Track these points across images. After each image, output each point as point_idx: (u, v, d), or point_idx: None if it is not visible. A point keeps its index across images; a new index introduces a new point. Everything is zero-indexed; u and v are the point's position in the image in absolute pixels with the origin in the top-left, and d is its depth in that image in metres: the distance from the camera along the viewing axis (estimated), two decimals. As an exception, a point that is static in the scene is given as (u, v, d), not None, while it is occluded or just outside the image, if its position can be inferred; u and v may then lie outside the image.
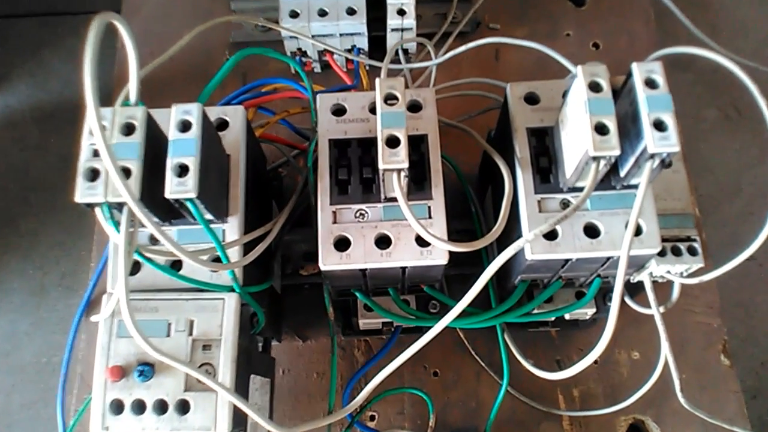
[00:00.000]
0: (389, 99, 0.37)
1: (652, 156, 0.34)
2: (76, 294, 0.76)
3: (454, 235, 0.40)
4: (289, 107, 0.54)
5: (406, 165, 0.35)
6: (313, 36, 0.59)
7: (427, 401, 0.51)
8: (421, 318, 0.46)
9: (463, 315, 0.48)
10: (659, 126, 0.34)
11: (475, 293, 0.37)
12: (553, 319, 0.50)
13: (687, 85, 0.60)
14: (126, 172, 0.34)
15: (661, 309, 0.45)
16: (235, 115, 0.43)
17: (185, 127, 0.36)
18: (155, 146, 0.36)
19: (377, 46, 0.62)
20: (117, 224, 0.35)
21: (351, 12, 0.58)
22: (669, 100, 0.35)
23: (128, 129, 0.35)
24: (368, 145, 0.42)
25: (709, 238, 0.54)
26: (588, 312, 0.48)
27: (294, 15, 0.58)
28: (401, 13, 0.58)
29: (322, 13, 0.58)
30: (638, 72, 0.35)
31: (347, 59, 0.63)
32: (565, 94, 0.43)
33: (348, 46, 0.61)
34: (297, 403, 0.53)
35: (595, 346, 0.38)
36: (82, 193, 0.34)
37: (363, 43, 0.60)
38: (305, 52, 0.62)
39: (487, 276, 0.36)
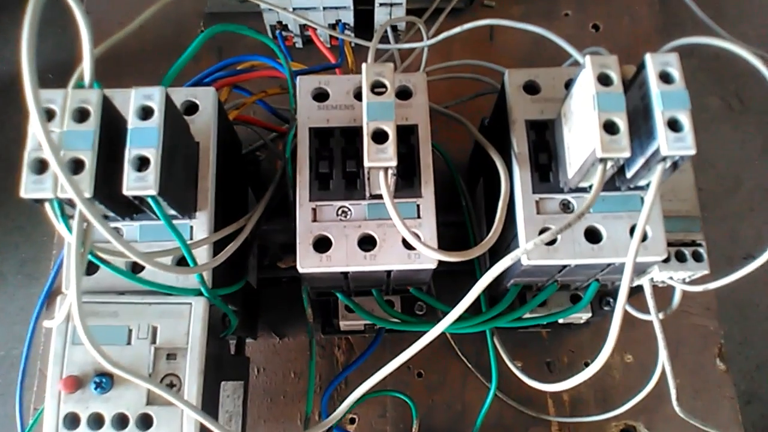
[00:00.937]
0: (377, 87, 0.33)
1: (665, 158, 0.31)
2: (37, 282, 0.71)
3: (442, 228, 0.37)
4: (268, 86, 0.50)
5: (394, 163, 0.32)
6: (294, 9, 0.54)
7: (410, 405, 0.48)
8: (406, 322, 0.43)
9: (454, 321, 0.45)
10: (674, 125, 0.31)
11: (468, 304, 0.34)
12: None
13: (688, 71, 0.56)
14: (78, 165, 0.30)
15: (661, 315, 0.42)
16: (205, 97, 0.39)
17: (146, 113, 0.32)
18: (114, 132, 0.32)
19: (364, 20, 0.58)
20: (69, 222, 0.31)
21: (336, -17, 0.54)
22: (685, 96, 0.32)
23: (81, 115, 0.31)
24: (352, 135, 0.38)
25: (707, 234, 0.51)
26: (583, 316, 0.45)
27: (274, -15, 0.54)
28: (391, -14, 0.54)
29: (305, -16, 0.54)
30: (652, 64, 0.32)
31: (331, 37, 0.58)
32: (568, 84, 0.40)
33: (332, 20, 0.56)
34: (272, 404, 0.50)
35: (594, 362, 0.35)
36: (28, 187, 0.30)
37: (348, 17, 0.56)
38: (286, 26, 0.57)
39: (480, 287, 0.33)
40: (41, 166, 0.30)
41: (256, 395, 0.50)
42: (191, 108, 0.39)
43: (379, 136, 0.32)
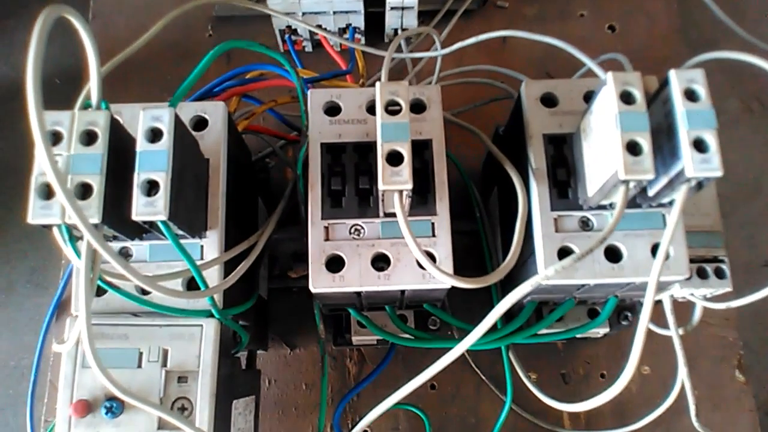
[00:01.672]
0: (391, 106, 0.32)
1: (689, 179, 0.30)
2: (46, 292, 0.71)
3: (455, 237, 0.36)
4: (278, 95, 0.49)
5: (410, 186, 0.31)
6: (303, 14, 0.53)
7: (423, 418, 0.47)
8: (420, 338, 0.42)
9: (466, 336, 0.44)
10: (699, 146, 0.30)
11: (485, 329, 0.33)
12: (560, 332, 0.47)
13: (706, 72, 0.55)
14: (86, 189, 0.30)
15: (681, 331, 0.41)
16: (215, 112, 0.38)
17: (155, 135, 0.31)
18: (122, 153, 0.31)
19: (374, 23, 0.57)
20: (77, 246, 0.30)
21: (347, -12, 0.52)
22: (712, 115, 0.30)
23: (89, 137, 0.30)
24: (365, 150, 0.37)
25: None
26: (600, 331, 0.44)
27: (284, -10, 0.53)
28: (402, -11, 0.53)
29: (315, -12, 0.52)
30: (676, 81, 0.31)
31: (341, 38, 0.57)
32: (587, 97, 0.38)
33: (342, 24, 0.55)
34: (284, 416, 0.49)
35: (613, 385, 0.34)
36: (35, 213, 0.29)
37: (359, 21, 0.55)
38: (295, 30, 0.56)
39: (497, 313, 0.32)
40: (48, 191, 0.29)
41: (267, 407, 0.49)
42: (200, 123, 0.38)
43: (394, 158, 0.31)
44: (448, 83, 0.54)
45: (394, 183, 0.31)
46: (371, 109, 0.38)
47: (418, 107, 0.38)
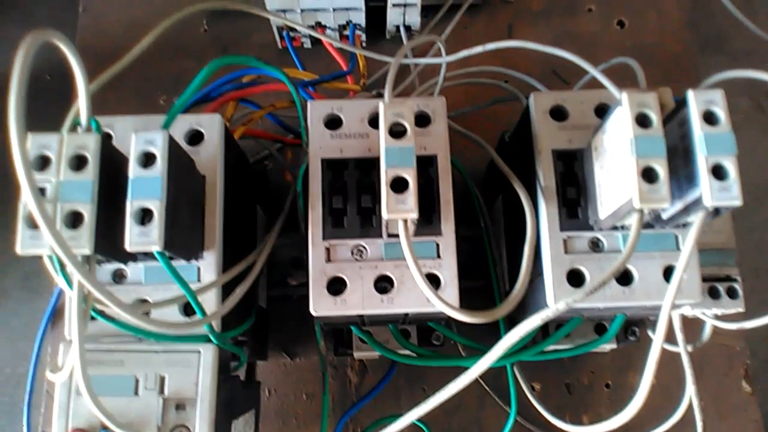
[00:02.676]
0: (396, 127, 0.31)
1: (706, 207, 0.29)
2: (40, 297, 0.69)
3: (457, 243, 0.35)
4: (276, 97, 0.48)
5: (415, 215, 0.29)
6: (302, 10, 0.51)
7: (425, 430, 0.47)
8: (423, 356, 0.41)
9: (472, 354, 0.43)
10: (718, 173, 0.29)
11: (494, 359, 0.32)
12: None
13: (717, 68, 0.53)
14: (76, 218, 0.28)
15: (689, 348, 0.40)
16: (211, 125, 0.36)
17: (148, 159, 0.29)
18: (115, 173, 0.30)
19: (376, 18, 0.55)
20: (70, 276, 0.29)
21: (347, -16, 0.50)
22: (731, 140, 0.29)
23: (78, 162, 0.29)
24: (368, 166, 0.36)
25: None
26: (607, 347, 0.43)
27: (281, -14, 0.51)
28: (405, -15, 0.51)
29: (314, -15, 0.50)
30: (695, 103, 0.29)
31: (341, 35, 0.55)
32: (598, 110, 0.37)
33: (342, 21, 0.53)
34: (284, 427, 0.49)
35: (623, 411, 0.33)
36: (24, 243, 0.28)
37: (360, 18, 0.53)
38: (293, 28, 0.54)
39: (505, 344, 0.31)
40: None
41: (268, 418, 0.49)
42: (195, 136, 0.37)
43: (399, 185, 0.30)
44: (451, 84, 0.52)
45: (399, 211, 0.29)
46: (373, 122, 0.36)
47: (422, 119, 0.37)
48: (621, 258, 0.29)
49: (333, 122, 0.37)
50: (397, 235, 0.33)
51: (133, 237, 0.28)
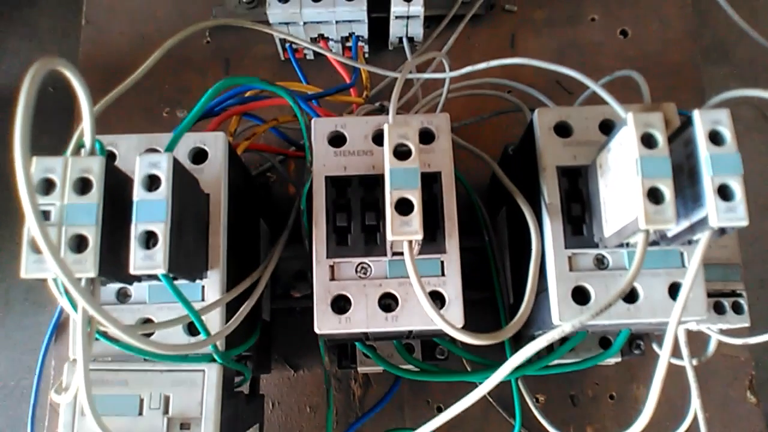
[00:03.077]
0: (400, 147, 0.31)
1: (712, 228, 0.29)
2: (44, 310, 0.70)
3: (461, 254, 0.35)
4: (279, 111, 0.48)
5: (420, 236, 0.29)
6: (305, 23, 0.51)
7: (430, 443, 0.46)
8: (426, 372, 0.41)
9: (477, 369, 0.43)
10: (724, 193, 0.29)
11: (499, 380, 0.32)
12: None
13: (720, 78, 0.53)
14: (81, 241, 0.28)
15: (694, 362, 0.40)
16: (215, 143, 0.36)
17: (152, 183, 0.29)
18: (119, 195, 0.30)
19: (378, 29, 0.55)
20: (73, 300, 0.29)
21: (350, -3, 0.50)
22: (737, 160, 0.29)
23: (83, 185, 0.29)
24: (372, 183, 0.36)
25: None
26: (612, 360, 0.43)
27: (284, -1, 0.50)
28: (407, -2, 0.51)
29: (317, -2, 0.50)
30: (701, 122, 0.29)
31: (344, 46, 0.55)
32: (603, 126, 0.37)
33: (345, 33, 0.53)
34: (288, 440, 0.49)
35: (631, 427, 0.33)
36: (29, 267, 0.28)
37: (362, 30, 0.53)
38: (295, 43, 0.54)
39: (510, 366, 0.31)
40: (42, 244, 0.28)
41: (271, 431, 0.49)
42: (200, 155, 0.36)
43: (404, 206, 0.30)
44: (454, 95, 0.52)
45: (404, 234, 0.29)
46: (377, 139, 0.36)
47: (426, 136, 0.37)
48: (626, 279, 0.29)
49: (337, 139, 0.37)
50: (401, 253, 0.33)
51: (137, 260, 0.28)
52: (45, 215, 0.29)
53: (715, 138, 0.29)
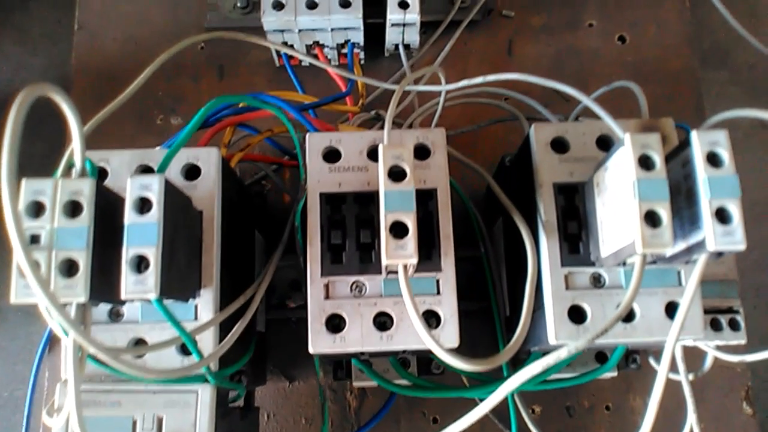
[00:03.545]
0: (395, 169, 0.30)
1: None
2: (37, 320, 0.69)
3: (456, 264, 0.35)
4: (273, 122, 0.47)
5: (415, 260, 0.29)
6: (300, 30, 0.51)
7: (426, 455, 0.46)
8: (422, 387, 0.41)
9: (474, 385, 0.43)
10: (722, 216, 0.28)
11: (497, 401, 0.32)
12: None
13: (720, 84, 0.52)
14: (71, 266, 0.28)
15: (691, 377, 0.40)
16: (208, 159, 0.36)
17: (144, 205, 0.29)
18: (111, 215, 0.29)
19: (374, 35, 0.54)
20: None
21: (345, 4, 0.50)
22: (735, 182, 0.29)
23: (73, 208, 0.28)
24: (367, 200, 0.35)
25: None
26: (608, 375, 0.43)
27: (278, 6, 0.50)
28: (403, 5, 0.50)
29: (312, 5, 0.50)
30: (698, 144, 0.29)
31: (339, 53, 0.55)
32: (600, 142, 0.36)
33: (341, 40, 0.53)
34: (284, 452, 0.49)
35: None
36: (18, 292, 0.28)
37: (358, 37, 0.52)
38: (291, 46, 0.53)
39: (508, 389, 0.31)
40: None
41: (267, 442, 0.48)
42: (193, 170, 0.36)
43: (399, 229, 0.29)
44: (450, 104, 0.52)
45: (399, 257, 0.29)
46: (372, 155, 0.36)
47: (421, 152, 0.36)
48: (623, 304, 0.29)
49: (331, 155, 0.36)
50: (396, 272, 0.33)
51: (129, 285, 0.28)
52: (35, 239, 0.28)
53: (713, 159, 0.29)
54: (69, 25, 0.59)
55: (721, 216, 0.28)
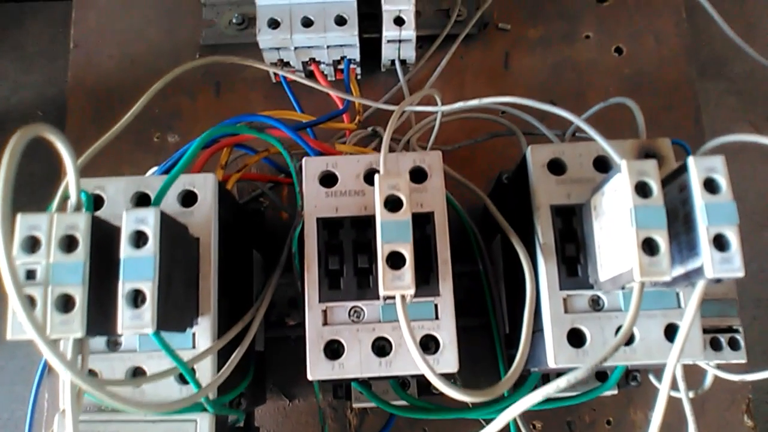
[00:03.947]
0: (391, 198, 0.30)
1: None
2: None
3: (455, 279, 0.35)
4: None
5: (412, 291, 0.29)
6: (296, 48, 0.51)
7: (427, 473, 0.46)
8: (423, 409, 0.41)
9: (475, 405, 0.43)
10: (720, 243, 0.28)
11: (498, 428, 0.31)
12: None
13: (717, 94, 0.52)
14: (67, 301, 0.28)
15: (691, 394, 0.40)
16: (204, 185, 0.36)
17: (140, 238, 0.29)
18: (107, 247, 0.29)
19: (370, 50, 0.54)
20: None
21: (340, 22, 0.50)
22: (733, 209, 0.29)
23: (69, 242, 0.28)
24: (364, 225, 0.35)
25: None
26: (608, 393, 0.43)
27: (274, 24, 0.50)
28: (399, 22, 0.50)
29: (307, 23, 0.50)
30: (695, 170, 0.29)
31: (336, 69, 0.55)
32: (597, 163, 0.36)
33: (337, 57, 0.53)
34: (284, 472, 0.49)
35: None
36: (14, 329, 0.28)
37: (354, 54, 0.52)
38: (287, 63, 0.53)
39: (509, 417, 0.31)
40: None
41: (267, 462, 0.48)
42: (189, 197, 0.36)
43: (396, 260, 0.29)
44: (447, 119, 0.52)
45: (396, 288, 0.29)
46: (368, 178, 0.36)
47: (418, 175, 0.36)
48: (622, 331, 0.29)
49: (328, 179, 0.36)
50: (394, 298, 0.33)
51: (125, 320, 0.28)
52: (31, 274, 0.28)
53: (710, 185, 0.29)
54: (65, 43, 0.59)
55: (719, 243, 0.28)
